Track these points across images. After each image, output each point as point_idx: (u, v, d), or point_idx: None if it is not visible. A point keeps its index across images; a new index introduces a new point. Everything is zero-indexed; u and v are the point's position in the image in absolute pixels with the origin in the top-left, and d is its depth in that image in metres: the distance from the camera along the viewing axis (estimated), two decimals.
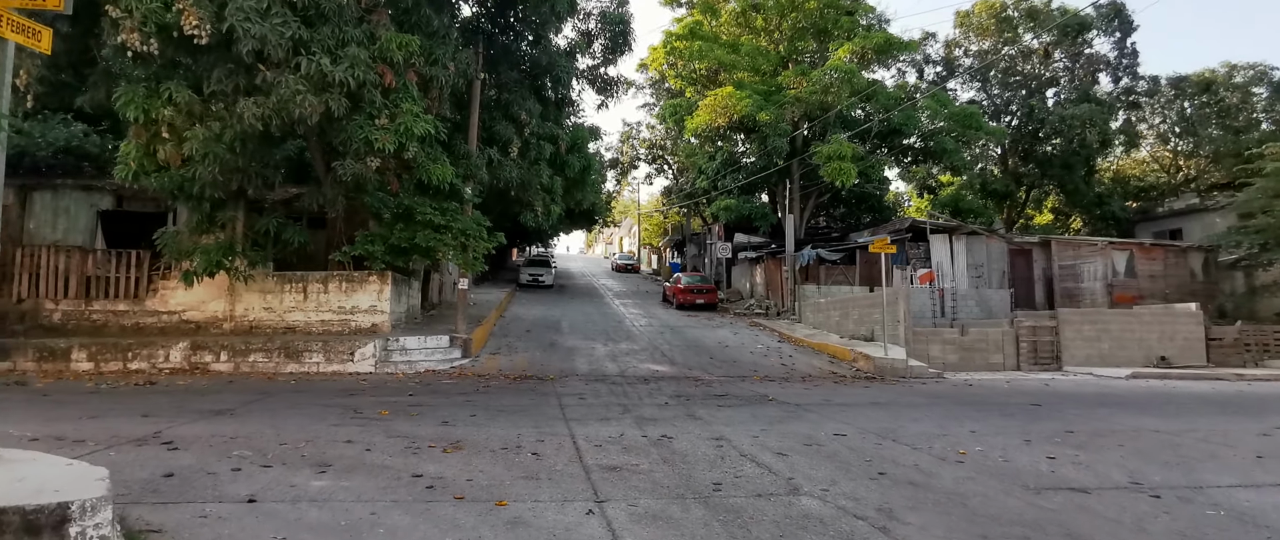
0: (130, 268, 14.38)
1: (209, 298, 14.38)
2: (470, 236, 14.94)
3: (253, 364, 12.91)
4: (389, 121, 11.85)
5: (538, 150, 17.45)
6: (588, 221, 39.51)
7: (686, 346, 18.12)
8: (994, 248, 26.20)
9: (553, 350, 16.66)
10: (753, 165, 30.09)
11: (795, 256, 25.01)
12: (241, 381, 11.36)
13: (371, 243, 14.24)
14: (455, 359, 14.55)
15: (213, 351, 12.90)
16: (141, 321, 14.28)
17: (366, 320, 14.74)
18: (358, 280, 14.77)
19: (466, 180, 15.41)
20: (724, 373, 14.41)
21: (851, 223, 35.85)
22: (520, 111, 16.18)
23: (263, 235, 13.81)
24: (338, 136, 11.72)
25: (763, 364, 15.72)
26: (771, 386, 12.30)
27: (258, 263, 13.76)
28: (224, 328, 14.37)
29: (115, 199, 17.24)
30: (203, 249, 12.64)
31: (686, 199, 43.46)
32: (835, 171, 25.15)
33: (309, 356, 13.09)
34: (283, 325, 14.51)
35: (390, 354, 13.73)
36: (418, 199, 14.44)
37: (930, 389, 12.61)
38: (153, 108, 10.30)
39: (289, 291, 14.62)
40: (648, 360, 15.75)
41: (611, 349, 17.17)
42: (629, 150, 47.65)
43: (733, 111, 26.23)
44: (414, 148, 12.26)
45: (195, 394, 9.72)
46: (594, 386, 11.71)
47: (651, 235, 60.38)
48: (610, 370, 14.12)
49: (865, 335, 18.58)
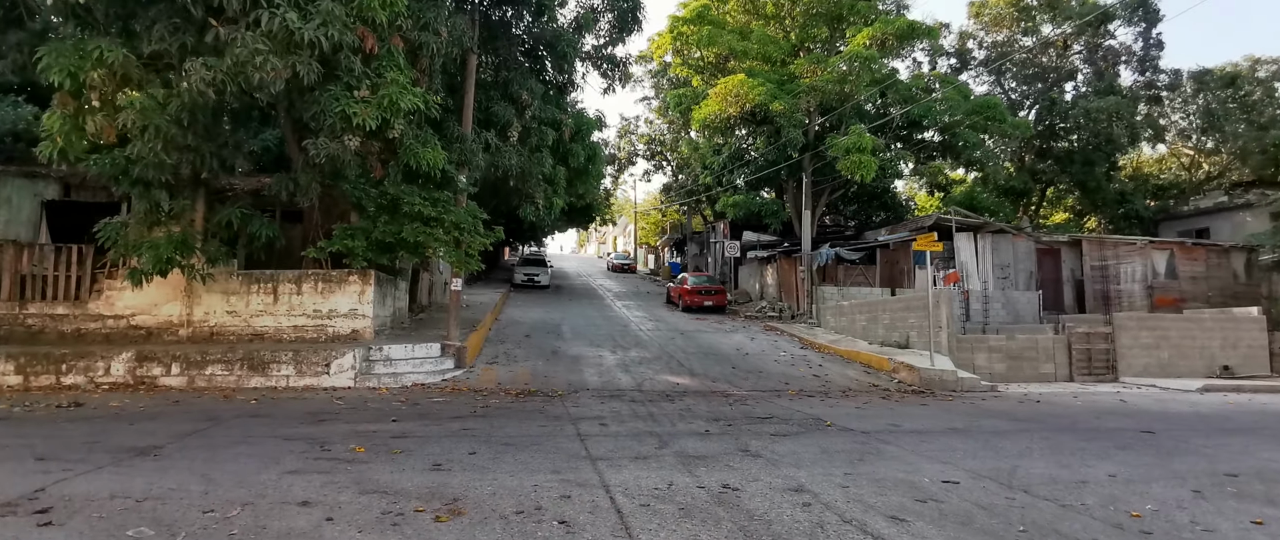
0: (71, 265, 12.47)
1: (162, 300, 12.50)
2: (464, 231, 13.14)
3: (210, 378, 11.06)
4: (371, 93, 10.04)
5: (540, 136, 15.67)
6: (585, 219, 37.71)
7: (703, 354, 16.38)
8: (1021, 247, 24.63)
9: (557, 359, 14.88)
10: (763, 159, 28.40)
11: (812, 256, 23.34)
12: (190, 401, 9.51)
13: (351, 237, 12.41)
14: (447, 370, 12.75)
15: (163, 363, 11.03)
16: (83, 327, 12.37)
17: (346, 326, 12.90)
18: (336, 280, 12.93)
19: (460, 167, 13.60)
20: (752, 385, 12.71)
21: (863, 221, 34.26)
22: (521, 91, 14.39)
23: (224, 228, 11.94)
24: (309, 110, 9.89)
25: (793, 375, 14.02)
26: (815, 404, 10.59)
27: (218, 259, 11.89)
28: (180, 335, 12.48)
29: (62, 187, 15.31)
30: (151, 243, 10.78)
31: (687, 196, 41.74)
32: (854, 165, 23.49)
33: (277, 368, 11.25)
34: (249, 332, 12.65)
35: (372, 365, 11.91)
36: (405, 188, 12.63)
37: (996, 406, 10.93)
38: (81, 70, 8.44)
39: (256, 293, 12.76)
40: (664, 371, 14.00)
41: (622, 357, 15.41)
42: (626, 145, 45.91)
43: (745, 100, 24.51)
44: (400, 125, 10.46)
45: (125, 421, 7.89)
46: (612, 405, 9.96)
47: (648, 234, 58.63)
48: (625, 383, 12.37)
49: (898, 342, 16.92)
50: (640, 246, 59.66)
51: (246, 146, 11.57)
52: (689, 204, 43.53)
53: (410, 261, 15.15)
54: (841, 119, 26.18)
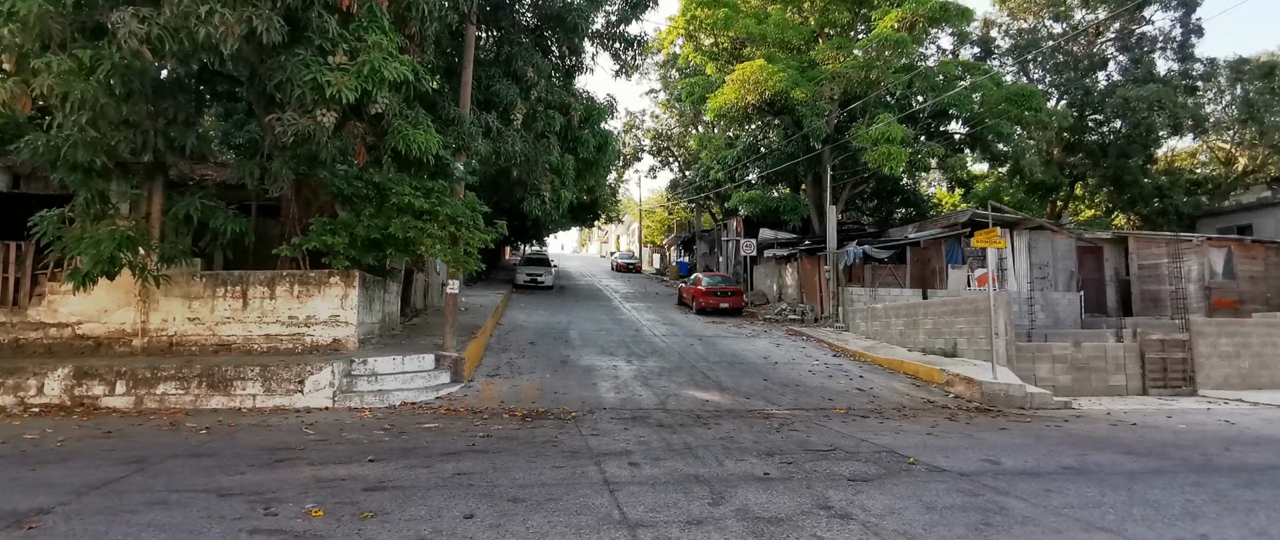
0: (8, 265, 10.81)
1: (113, 305, 10.84)
2: (462, 225, 11.48)
3: (161, 398, 9.39)
4: (348, 60, 8.38)
5: (546, 120, 13.99)
6: (590, 217, 36.06)
7: (727, 363, 14.71)
8: (1060, 245, 22.95)
9: (566, 370, 13.22)
10: (781, 152, 26.72)
11: (839, 254, 21.66)
12: (127, 431, 7.85)
13: (331, 233, 10.75)
14: (442, 386, 11.08)
15: (106, 380, 9.37)
16: (22, 337, 10.71)
17: (326, 334, 11.23)
18: (315, 282, 11.26)
19: (457, 153, 11.93)
20: (793, 402, 11.05)
21: (882, 218, 32.60)
22: (526, 66, 12.72)
23: (182, 222, 10.27)
24: (274, 78, 8.21)
25: (834, 389, 12.35)
26: (876, 428, 8.93)
27: (175, 258, 10.22)
28: (133, 345, 10.82)
29: (11, 178, 13.62)
30: (92, 240, 9.11)
31: (696, 193, 40.05)
32: (883, 157, 21.82)
33: (241, 386, 9.58)
34: (214, 342, 10.98)
35: (354, 382, 10.24)
36: (393, 176, 10.97)
37: (1090, 432, 9.26)
38: None
39: (223, 297, 11.10)
40: (689, 384, 12.34)
41: (639, 368, 13.74)
42: (632, 141, 44.22)
43: (765, 87, 22.83)
44: (384, 99, 8.80)
45: (28, 462, 6.22)
46: (637, 432, 8.29)
47: (653, 233, 56.93)
48: (647, 401, 10.70)
49: (943, 349, 15.25)
50: (645, 246, 57.97)
51: (199, 125, 9.83)
52: (697, 201, 41.86)
53: (401, 260, 13.48)
54: (866, 108, 24.51)
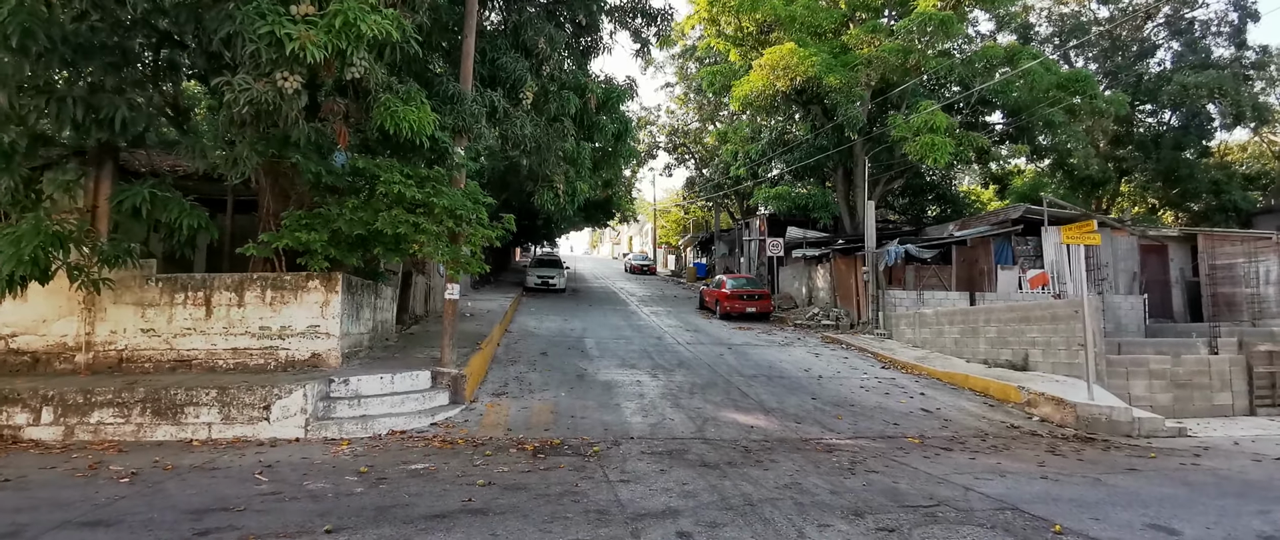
0: None
1: (52, 314, 9.21)
2: (462, 220, 9.78)
3: (96, 428, 7.74)
4: (316, 10, 6.69)
5: (560, 102, 12.28)
6: (604, 215, 34.29)
7: (766, 377, 12.95)
8: (1120, 243, 21.02)
9: (584, 387, 11.50)
10: (811, 145, 24.89)
11: (878, 254, 19.82)
12: (31, 476, 6.19)
13: (308, 228, 9.09)
14: (439, 408, 9.38)
15: (29, 407, 7.73)
16: None
17: (304, 348, 9.56)
18: (291, 287, 9.59)
19: (458, 136, 10.24)
20: (853, 428, 9.28)
21: (916, 216, 30.70)
22: (536, 37, 11.01)
23: (130, 216, 8.62)
24: (220, 31, 6.53)
25: (896, 411, 10.56)
26: (965, 466, 7.15)
27: (119, 259, 8.56)
28: (76, 361, 9.19)
29: None
30: (10, 235, 7.47)
31: (714, 191, 38.29)
32: (925, 148, 19.99)
33: (195, 413, 7.92)
34: (172, 357, 9.33)
35: (334, 405, 8.56)
36: (381, 161, 9.30)
37: (1242, 472, 7.43)
38: None
39: (183, 304, 9.44)
40: (727, 405, 10.58)
41: (666, 384, 11.99)
42: (647, 137, 42.46)
43: (795, 73, 21.05)
44: (363, 61, 7.10)
45: None
46: (679, 477, 6.55)
47: (669, 233, 55.15)
48: (682, 428, 8.96)
49: (1011, 361, 13.40)
50: (660, 247, 56.19)
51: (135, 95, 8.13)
52: (715, 199, 40.10)
53: (395, 261, 11.81)
54: (903, 97, 22.67)
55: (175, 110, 10.39)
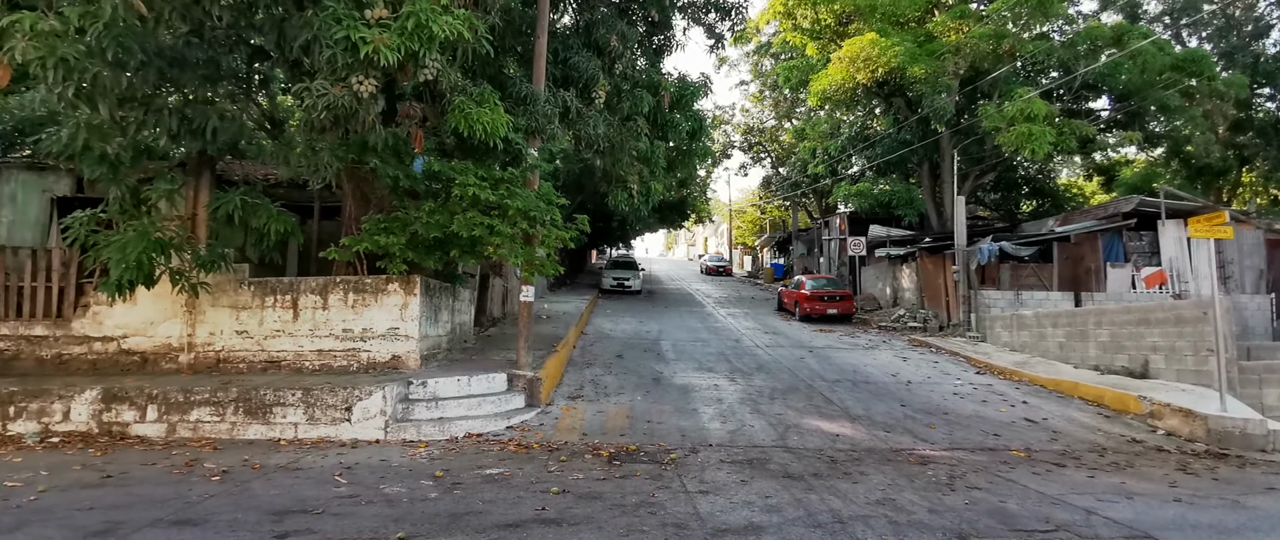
0: (51, 274, 9.87)
1: (158, 317, 9.70)
2: (536, 221, 9.71)
3: (195, 426, 8.06)
4: (388, 13, 6.71)
5: (633, 101, 12.10)
6: (678, 216, 34.00)
7: (850, 382, 12.33)
8: (1246, 238, 19.11)
9: (660, 391, 11.24)
10: (894, 139, 23.81)
11: (969, 252, 18.70)
12: (134, 472, 6.45)
13: (386, 232, 9.21)
14: (515, 411, 9.34)
15: (136, 405, 8.12)
16: (66, 352, 9.73)
17: (384, 350, 9.72)
18: (371, 290, 9.77)
19: (530, 137, 10.20)
20: (948, 439, 8.64)
21: (1009, 211, 28.97)
22: (609, 35, 10.85)
23: (225, 222, 8.98)
24: (299, 37, 6.65)
25: (996, 420, 9.79)
26: (1083, 484, 6.46)
27: (215, 263, 8.92)
28: (180, 362, 9.65)
29: (75, 182, 13.03)
30: (118, 243, 7.88)
31: (791, 189, 37.35)
32: (1021, 139, 18.76)
33: (282, 413, 8.13)
34: (263, 358, 9.67)
35: (412, 407, 8.63)
36: (456, 164, 9.33)
37: None
38: None
39: (273, 307, 9.77)
40: (809, 411, 10.09)
41: (745, 388, 11.59)
42: (721, 137, 41.91)
43: (876, 65, 20.17)
44: (435, 62, 7.10)
45: None
46: (761, 488, 6.20)
47: (745, 234, 54.29)
48: (762, 435, 8.56)
49: (1127, 368, 12.28)
50: (736, 247, 55.41)
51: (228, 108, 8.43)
52: (793, 198, 39.15)
53: (471, 263, 11.90)
54: (996, 84, 21.35)
55: (272, 123, 10.81)
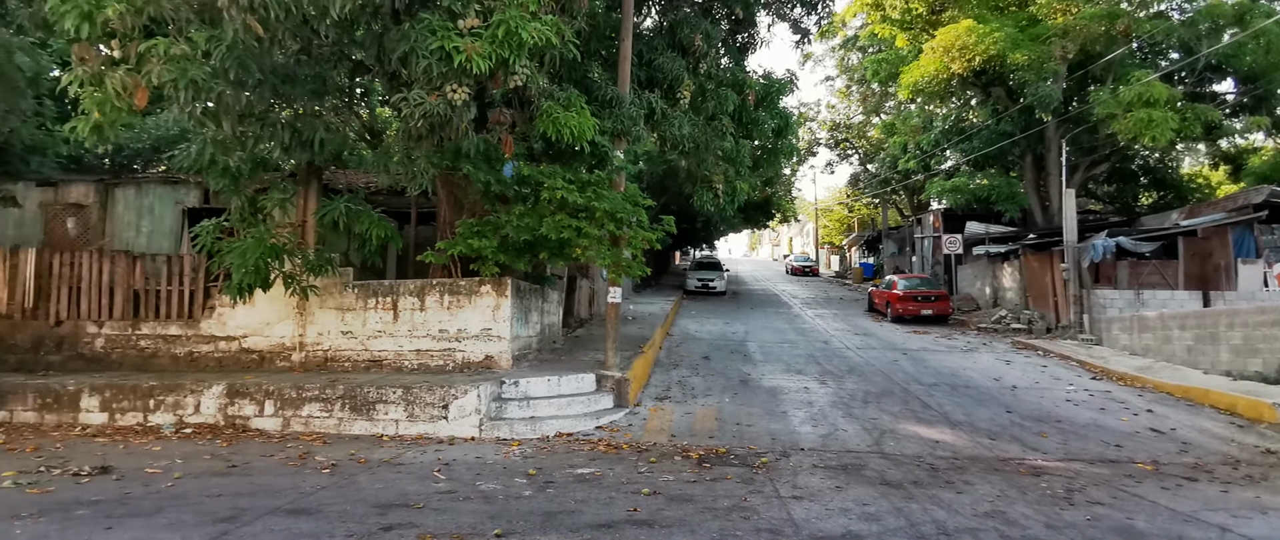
0: (182, 278, 10.75)
1: (274, 318, 10.37)
2: (623, 223, 9.78)
3: (307, 420, 8.57)
4: (480, 22, 6.91)
5: (718, 100, 11.99)
6: (763, 216, 33.48)
7: (948, 386, 11.76)
8: None
9: (748, 393, 11.08)
10: (993, 131, 22.59)
11: (1080, 249, 17.50)
12: (255, 463, 6.91)
13: (479, 235, 9.52)
14: (604, 411, 9.42)
15: (256, 399, 8.72)
16: (196, 350, 10.57)
17: (477, 350, 10.03)
18: (465, 292, 10.10)
19: (616, 139, 10.29)
20: (1062, 449, 8.08)
21: (1124, 204, 26.92)
22: (693, 35, 10.80)
23: (331, 229, 9.52)
24: (397, 49, 6.95)
25: (1116, 430, 9.08)
26: (1217, 500, 5.89)
27: (323, 268, 9.46)
28: (292, 360, 10.29)
29: (202, 194, 14.16)
30: (238, 249, 8.49)
31: (881, 186, 36.11)
32: (1139, 125, 17.42)
33: (384, 410, 8.52)
34: (366, 357, 10.18)
35: (504, 406, 8.85)
36: (544, 168, 9.52)
37: None
38: (97, 8, 6.08)
39: (374, 309, 10.26)
40: (905, 416, 9.68)
41: (835, 391, 11.26)
42: (806, 134, 41.01)
43: (974, 53, 19.21)
44: (524, 68, 7.26)
45: (121, 508, 5.25)
46: (857, 495, 5.98)
47: (831, 233, 52.94)
48: (856, 440, 8.28)
49: (1261, 373, 11.14)
50: (822, 247, 54.11)
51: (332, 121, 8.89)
52: (882, 196, 37.83)
53: (560, 266, 12.12)
54: (1109, 68, 19.90)
55: (371, 133, 11.40)
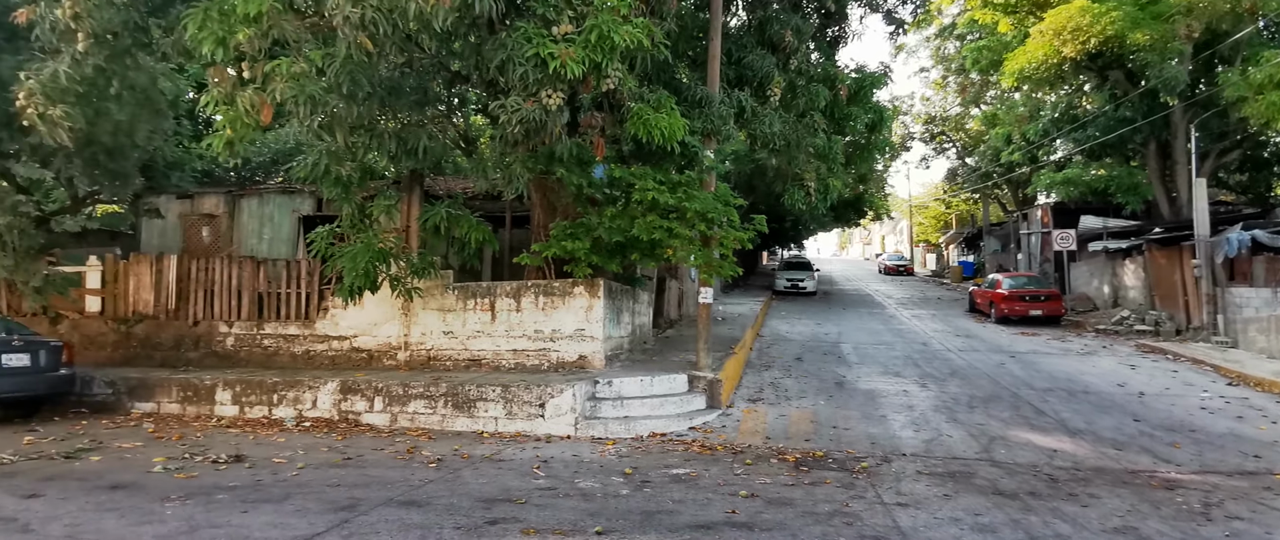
0: (299, 281, 11.51)
1: (381, 319, 10.95)
2: (714, 223, 9.73)
3: (412, 416, 8.98)
4: (573, 28, 7.05)
5: (809, 96, 11.73)
6: (854, 213, 32.53)
7: (1065, 392, 11.02)
8: None
9: (843, 395, 10.78)
10: (1111, 117, 21.02)
11: (1213, 243, 16.02)
12: (367, 456, 7.30)
13: (571, 237, 9.71)
14: (696, 412, 9.39)
15: (366, 396, 9.22)
16: (312, 349, 11.30)
17: (571, 350, 10.22)
18: (558, 293, 10.33)
19: (706, 139, 10.26)
20: (1198, 461, 7.43)
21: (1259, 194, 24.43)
22: (783, 31, 10.62)
23: (433, 233, 9.96)
24: (495, 58, 7.19)
25: (1257, 440, 8.25)
26: None
27: (425, 271, 9.90)
28: (398, 359, 10.83)
29: (315, 202, 15.13)
30: (349, 253, 9.01)
31: (982, 180, 34.34)
32: (1271, 110, 15.85)
33: (484, 408, 8.82)
34: (465, 356, 10.57)
35: (598, 405, 8.98)
36: (635, 169, 9.61)
37: None
38: (230, 33, 6.61)
39: (473, 310, 10.65)
40: (1016, 422, 9.15)
41: (938, 395, 10.78)
42: (899, 128, 39.53)
43: (1087, 35, 17.94)
44: (616, 71, 7.35)
45: (254, 495, 5.67)
46: (967, 504, 5.70)
47: (927, 230, 50.78)
48: (962, 446, 7.89)
49: None
50: (917, 245, 51.99)
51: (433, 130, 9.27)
52: (982, 190, 35.98)
53: (650, 266, 12.19)
54: (1238, 48, 18.15)
55: (466, 141, 11.87)
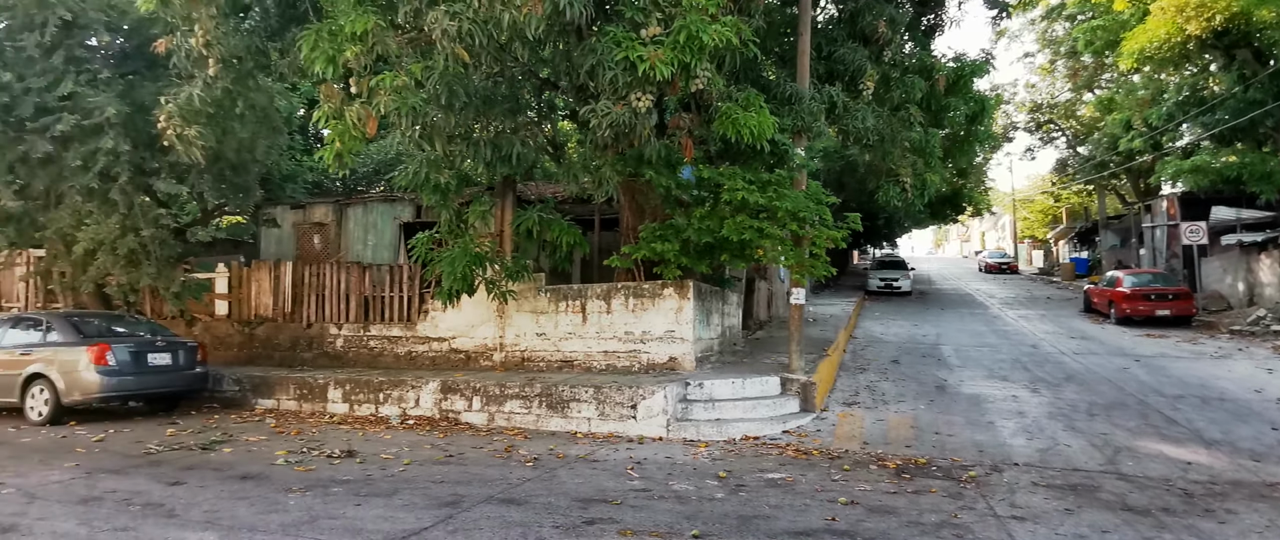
0: (401, 285, 12.08)
1: (478, 321, 11.33)
2: (805, 222, 9.50)
3: (508, 416, 9.23)
4: (661, 30, 7.05)
5: (903, 89, 11.26)
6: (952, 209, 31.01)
7: (1197, 398, 10.07)
8: None
9: (945, 399, 10.28)
10: (1242, 99, 19.13)
11: None
12: (468, 454, 7.55)
13: (661, 239, 9.70)
14: (789, 416, 9.19)
15: (465, 396, 9.55)
16: (414, 350, 11.83)
17: (661, 351, 10.23)
18: (648, 295, 10.36)
19: (796, 137, 10.02)
20: None
21: None
22: (876, 22, 10.24)
23: (525, 237, 10.20)
24: (585, 63, 7.28)
25: None
26: None
27: (519, 274, 10.15)
28: (494, 359, 11.17)
29: (414, 209, 15.84)
30: (448, 258, 9.37)
31: (1096, 170, 31.99)
32: None
33: (577, 408, 8.95)
34: (558, 357, 10.78)
35: (690, 407, 8.94)
36: (724, 169, 9.51)
37: None
38: (339, 51, 7.01)
39: (565, 312, 10.85)
40: (1144, 431, 8.43)
41: (1052, 401, 10.09)
42: (1001, 118, 37.39)
43: (1213, 10, 16.41)
44: (705, 71, 7.29)
45: (364, 489, 5.97)
46: (1092, 520, 5.30)
47: (1033, 225, 47.80)
48: (1083, 457, 7.35)
49: None
50: (1021, 241, 49.03)
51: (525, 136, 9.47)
52: (1097, 181, 33.53)
53: (740, 268, 12.05)
54: None
55: (554, 146, 12.12)
